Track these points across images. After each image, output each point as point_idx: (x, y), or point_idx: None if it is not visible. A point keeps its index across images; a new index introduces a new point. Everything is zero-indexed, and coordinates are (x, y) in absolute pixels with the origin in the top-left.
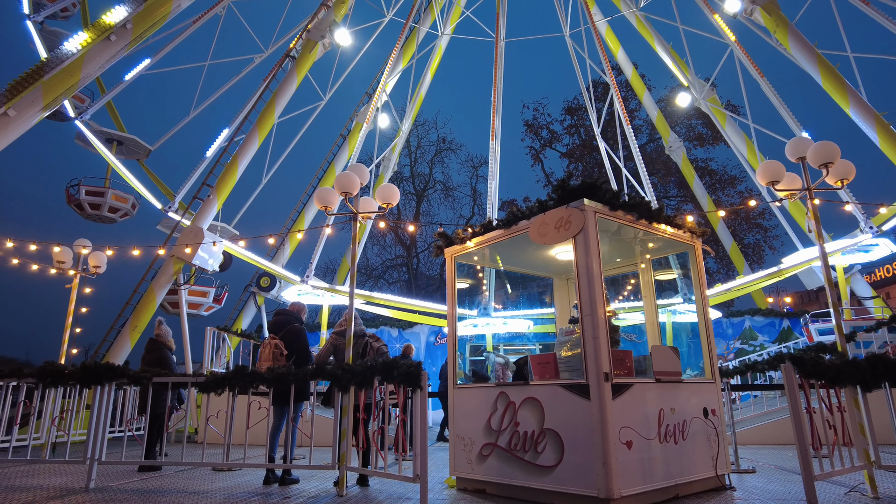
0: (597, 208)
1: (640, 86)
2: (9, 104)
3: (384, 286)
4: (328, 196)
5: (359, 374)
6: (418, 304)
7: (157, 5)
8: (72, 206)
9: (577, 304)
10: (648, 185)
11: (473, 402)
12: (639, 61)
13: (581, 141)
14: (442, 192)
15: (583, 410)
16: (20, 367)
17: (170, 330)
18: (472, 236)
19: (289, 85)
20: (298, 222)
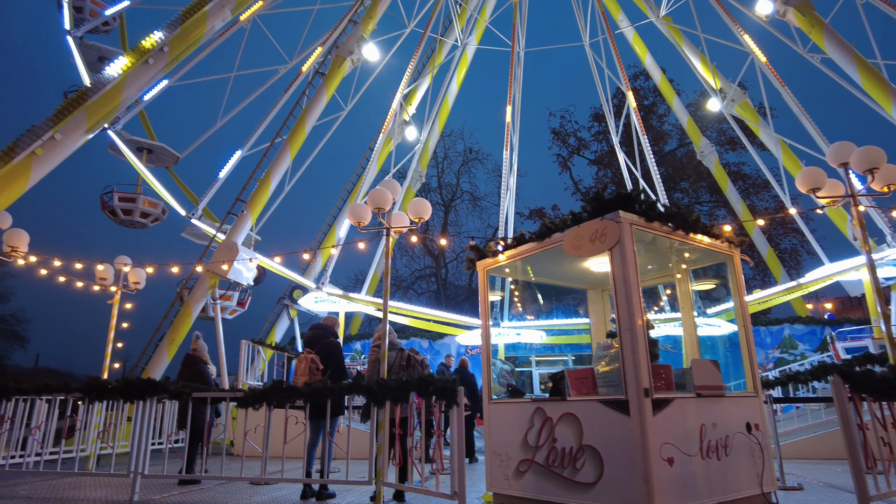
0: (633, 220)
1: (670, 91)
2: (56, 128)
3: (413, 297)
4: (361, 212)
5: (394, 389)
6: (447, 316)
7: (193, 28)
8: (105, 212)
9: (615, 317)
10: (662, 193)
11: (509, 417)
12: (669, 66)
13: (609, 147)
14: (469, 201)
15: (622, 426)
16: (67, 382)
17: (206, 345)
18: (504, 249)
19: (319, 101)
20: (329, 235)
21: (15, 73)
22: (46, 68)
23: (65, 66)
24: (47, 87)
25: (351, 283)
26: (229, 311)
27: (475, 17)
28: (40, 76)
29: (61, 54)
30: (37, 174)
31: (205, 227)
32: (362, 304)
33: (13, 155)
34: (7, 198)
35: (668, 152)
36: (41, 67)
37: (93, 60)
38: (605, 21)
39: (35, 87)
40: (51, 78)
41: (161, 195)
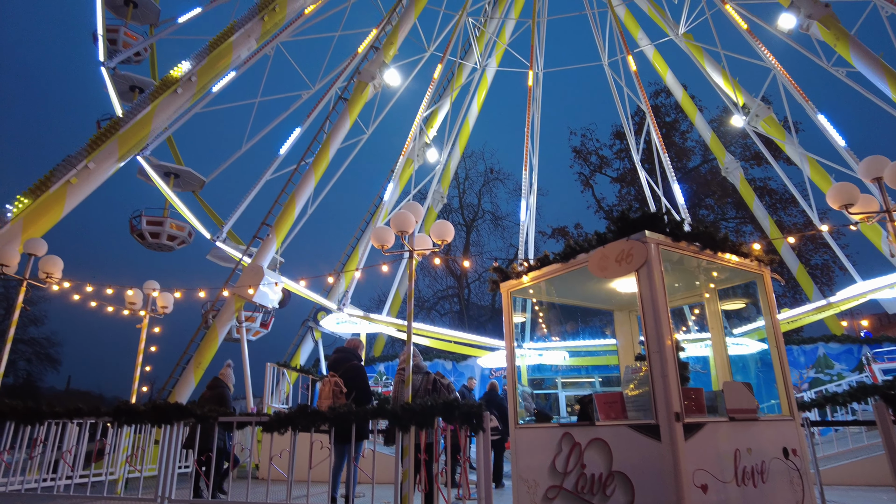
0: (659, 240)
1: (692, 107)
2: (89, 157)
3: (436, 318)
4: (385, 235)
5: (419, 413)
6: (470, 337)
7: (220, 57)
8: (134, 235)
9: (644, 339)
10: (685, 210)
11: (536, 442)
12: (690, 82)
13: (632, 165)
14: (491, 221)
15: (653, 452)
16: (97, 406)
17: (233, 376)
18: (528, 271)
19: (342, 126)
20: (352, 257)
21: (51, 104)
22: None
23: (98, 95)
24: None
25: (373, 304)
26: (253, 333)
27: (494, 39)
28: (74, 105)
29: (94, 84)
30: (71, 202)
31: (229, 250)
32: (383, 324)
33: (49, 184)
34: (43, 225)
35: (691, 169)
36: (75, 97)
37: (124, 90)
38: (623, 40)
39: (69, 115)
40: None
41: (187, 218)
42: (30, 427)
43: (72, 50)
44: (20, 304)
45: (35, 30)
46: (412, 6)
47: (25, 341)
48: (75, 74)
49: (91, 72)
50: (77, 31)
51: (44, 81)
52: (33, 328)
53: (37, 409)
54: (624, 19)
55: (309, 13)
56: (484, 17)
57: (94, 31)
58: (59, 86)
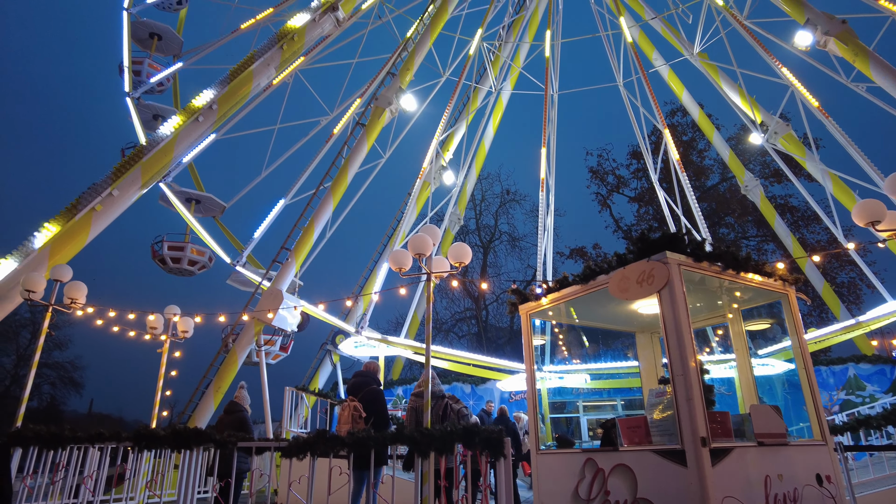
0: (680, 260)
1: (709, 126)
2: (114, 185)
3: (454, 340)
4: (402, 258)
5: (438, 439)
6: (489, 360)
7: (240, 85)
8: (156, 260)
9: (667, 362)
10: (705, 229)
11: (559, 468)
12: (706, 101)
13: (650, 184)
14: (508, 242)
15: (680, 478)
16: (118, 431)
17: (248, 396)
18: (547, 292)
19: (360, 151)
20: (370, 280)
21: (77, 133)
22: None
23: (123, 124)
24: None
25: (391, 326)
26: (272, 356)
27: (509, 63)
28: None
29: (119, 114)
30: (96, 229)
31: (249, 275)
32: (401, 347)
33: (76, 211)
34: (69, 252)
35: (710, 187)
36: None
37: (148, 118)
38: (638, 61)
39: (95, 144)
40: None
41: (208, 244)
42: (52, 452)
43: (97, 81)
44: (45, 328)
45: (62, 62)
46: (428, 33)
47: (50, 365)
48: (100, 105)
49: (116, 102)
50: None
51: (70, 112)
52: (57, 352)
53: (59, 434)
54: (638, 40)
55: (327, 41)
56: (498, 41)
57: (121, 63)
58: (84, 116)
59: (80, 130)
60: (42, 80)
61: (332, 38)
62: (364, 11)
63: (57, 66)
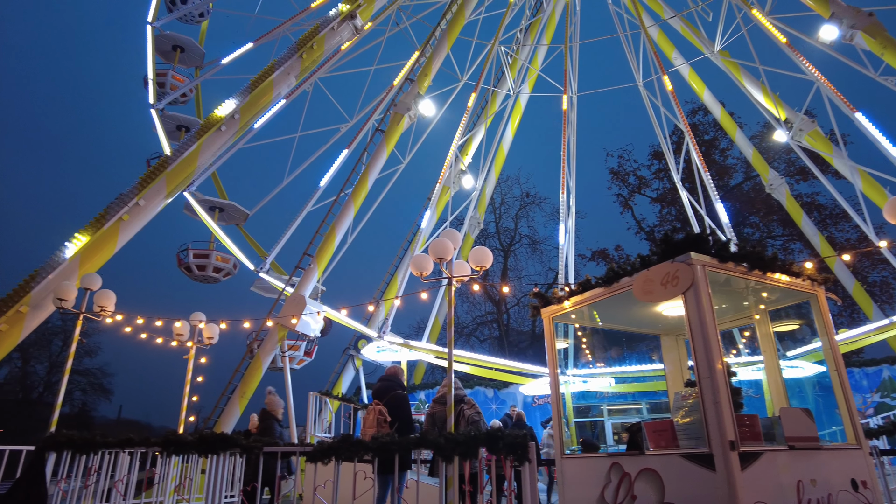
0: (705, 261)
1: (731, 124)
2: (140, 195)
3: (476, 344)
4: (423, 262)
5: (462, 444)
6: (511, 364)
7: (261, 95)
8: (181, 268)
9: (693, 364)
10: (729, 229)
11: (584, 472)
12: (728, 99)
13: (672, 185)
14: (529, 245)
15: (708, 483)
16: (147, 437)
17: (280, 401)
18: (569, 296)
19: (379, 157)
20: (391, 285)
21: (104, 145)
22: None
23: (147, 135)
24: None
25: (413, 331)
26: (297, 362)
27: (526, 66)
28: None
29: (143, 125)
30: (123, 238)
31: (273, 281)
32: (423, 352)
33: (104, 222)
34: (98, 261)
35: (733, 186)
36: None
37: (172, 129)
38: (657, 61)
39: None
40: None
41: (232, 251)
42: (85, 456)
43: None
44: (77, 336)
45: (90, 76)
46: (445, 38)
47: (80, 372)
48: (125, 116)
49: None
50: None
51: (97, 123)
52: (88, 359)
53: (91, 440)
54: (657, 40)
55: (345, 49)
56: (516, 44)
57: (145, 75)
58: (110, 127)
59: (107, 142)
60: (70, 94)
61: (350, 45)
62: (382, 19)
63: (85, 80)
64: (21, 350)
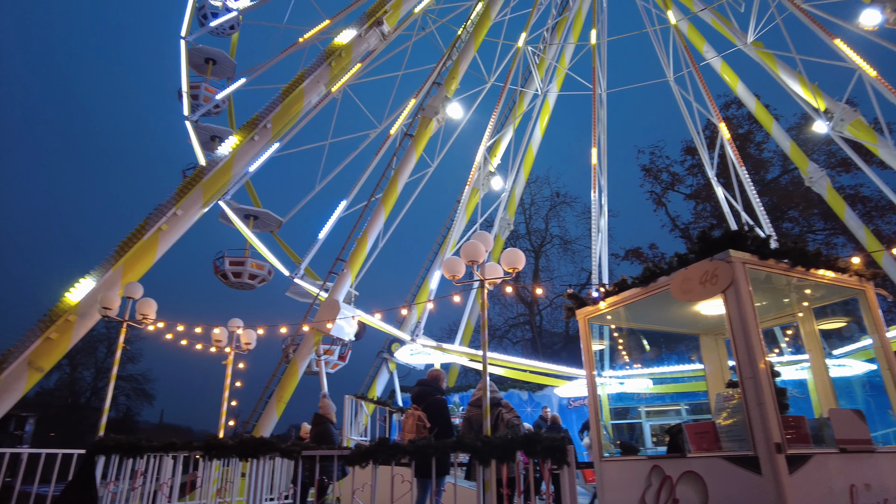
0: (745, 258)
1: (767, 117)
2: (177, 205)
3: (508, 346)
4: (455, 265)
5: (499, 447)
6: (545, 366)
7: (292, 104)
8: (218, 276)
9: (735, 364)
10: (767, 224)
11: (623, 476)
12: (763, 91)
13: (706, 180)
14: (560, 246)
15: (754, 487)
16: (190, 441)
17: (333, 404)
18: (605, 296)
19: (408, 161)
20: (423, 288)
21: (140, 157)
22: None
23: (181, 146)
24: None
25: (445, 333)
26: (331, 366)
27: (554, 65)
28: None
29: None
30: (163, 247)
31: (307, 286)
32: (456, 354)
33: (144, 232)
34: (139, 270)
35: (770, 180)
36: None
37: (206, 140)
38: (688, 55)
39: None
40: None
41: (267, 258)
42: (131, 460)
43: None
44: (121, 343)
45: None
46: (471, 40)
47: (124, 378)
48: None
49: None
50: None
51: (133, 137)
52: (131, 365)
53: (137, 444)
54: (687, 33)
55: (373, 55)
56: (543, 43)
57: (180, 88)
58: (147, 140)
59: (144, 153)
60: (111, 110)
61: (377, 51)
62: (408, 24)
63: (125, 95)
64: (69, 357)
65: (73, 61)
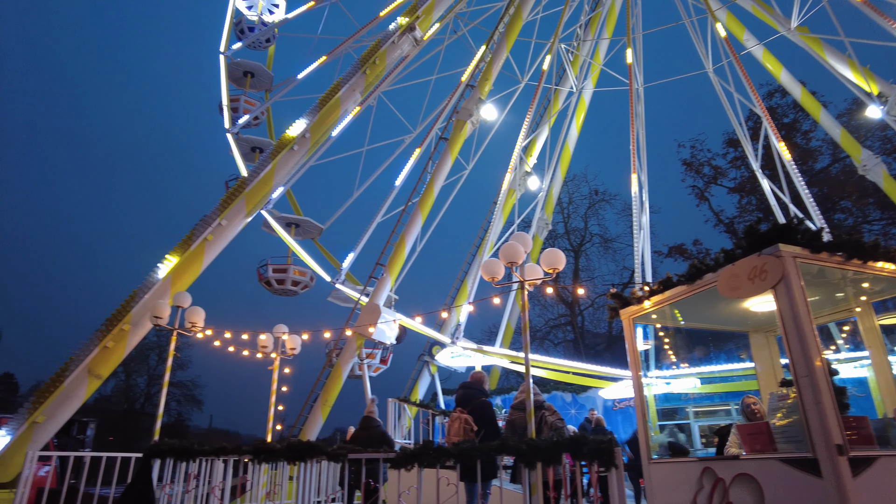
0: (796, 252)
1: (814, 104)
2: (222, 215)
3: (549, 347)
4: (494, 267)
5: (544, 450)
6: (588, 367)
7: (329, 113)
8: (262, 283)
9: (789, 363)
10: (818, 216)
11: (673, 478)
12: (809, 77)
13: (750, 173)
14: (600, 244)
15: (815, 490)
16: (239, 445)
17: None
18: (649, 295)
19: (444, 165)
20: (462, 290)
21: (183, 170)
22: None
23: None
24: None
25: (485, 335)
26: (373, 369)
27: (588, 61)
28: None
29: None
30: (209, 257)
31: (348, 291)
32: (497, 356)
33: (190, 243)
34: (187, 279)
35: (819, 170)
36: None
37: (246, 151)
38: (727, 44)
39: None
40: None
41: (308, 264)
42: (184, 463)
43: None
44: (172, 351)
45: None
46: (504, 41)
47: (175, 384)
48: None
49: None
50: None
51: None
52: (181, 372)
53: (190, 448)
54: (726, 22)
55: (406, 61)
56: (576, 40)
57: (220, 102)
58: (190, 155)
59: (188, 167)
60: (156, 126)
61: (410, 57)
62: (440, 28)
63: (168, 112)
64: (124, 365)
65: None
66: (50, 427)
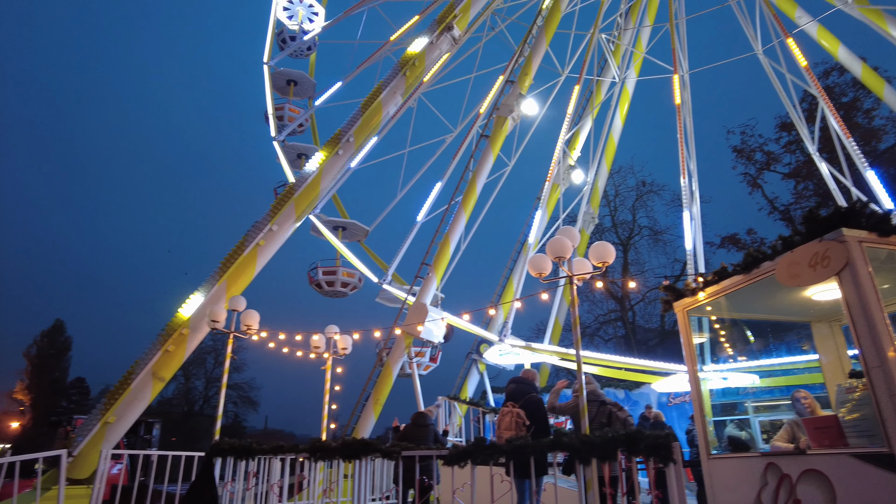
0: (861, 237)
1: (876, 80)
2: (272, 221)
3: (600, 344)
4: (541, 263)
5: (599, 446)
6: (640, 363)
7: (371, 116)
8: (313, 286)
9: (858, 353)
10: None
11: (735, 474)
12: (869, 53)
13: (806, 157)
14: (649, 237)
15: (891, 487)
16: (296, 444)
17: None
18: (703, 286)
19: (486, 162)
20: (508, 287)
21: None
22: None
23: (268, 165)
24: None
25: (532, 333)
26: (423, 368)
27: (630, 50)
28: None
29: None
30: (261, 261)
31: (395, 291)
32: (546, 353)
33: (243, 248)
34: (242, 284)
35: (884, 150)
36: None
37: (293, 158)
38: (778, 23)
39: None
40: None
41: (356, 266)
42: (244, 462)
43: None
44: (229, 353)
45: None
46: (543, 35)
47: (231, 387)
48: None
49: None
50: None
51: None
52: (236, 374)
53: (249, 447)
54: (776, 0)
55: (445, 61)
56: (617, 29)
57: (265, 111)
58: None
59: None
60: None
61: (449, 56)
62: (477, 26)
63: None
64: (183, 368)
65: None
66: (120, 427)
